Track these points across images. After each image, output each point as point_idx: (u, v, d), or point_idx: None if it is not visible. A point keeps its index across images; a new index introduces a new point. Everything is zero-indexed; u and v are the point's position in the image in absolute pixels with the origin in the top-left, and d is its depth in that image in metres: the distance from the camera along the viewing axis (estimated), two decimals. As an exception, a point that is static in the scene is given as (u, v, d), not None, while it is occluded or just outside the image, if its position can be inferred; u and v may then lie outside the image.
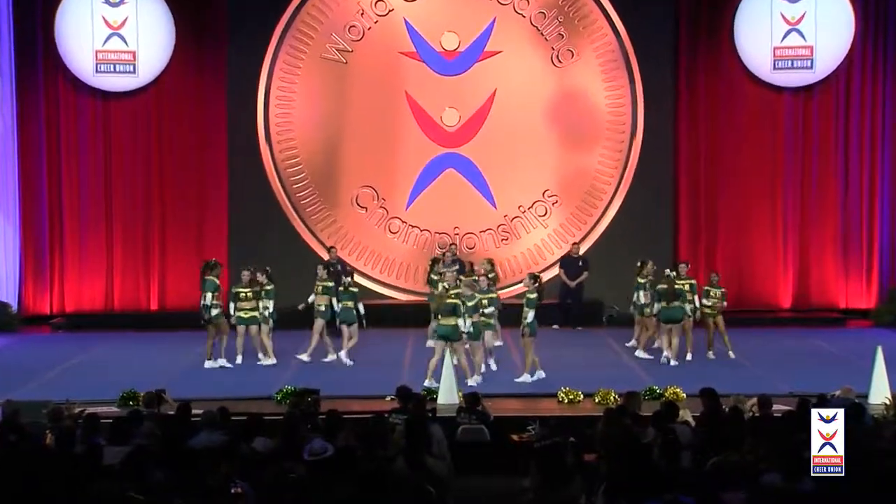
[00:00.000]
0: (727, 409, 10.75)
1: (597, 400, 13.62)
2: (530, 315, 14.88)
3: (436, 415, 11.97)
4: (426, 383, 14.23)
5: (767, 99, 21.26)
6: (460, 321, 14.66)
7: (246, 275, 16.53)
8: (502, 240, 21.29)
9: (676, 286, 16.48)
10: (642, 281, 17.01)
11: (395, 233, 21.29)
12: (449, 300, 14.85)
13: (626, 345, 17.81)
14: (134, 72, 20.76)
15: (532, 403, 14.03)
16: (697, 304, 16.64)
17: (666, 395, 13.61)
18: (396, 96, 21.13)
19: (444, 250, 19.76)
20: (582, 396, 13.84)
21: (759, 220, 21.34)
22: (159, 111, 21.12)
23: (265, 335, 16.42)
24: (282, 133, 21.05)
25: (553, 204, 21.31)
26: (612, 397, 13.49)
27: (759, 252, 21.34)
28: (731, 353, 16.61)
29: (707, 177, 21.40)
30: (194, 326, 17.33)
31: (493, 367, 15.76)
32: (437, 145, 21.18)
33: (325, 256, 18.94)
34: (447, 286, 15.34)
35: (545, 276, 20.72)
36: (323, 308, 16.55)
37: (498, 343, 16.87)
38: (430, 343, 16.14)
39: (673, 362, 16.21)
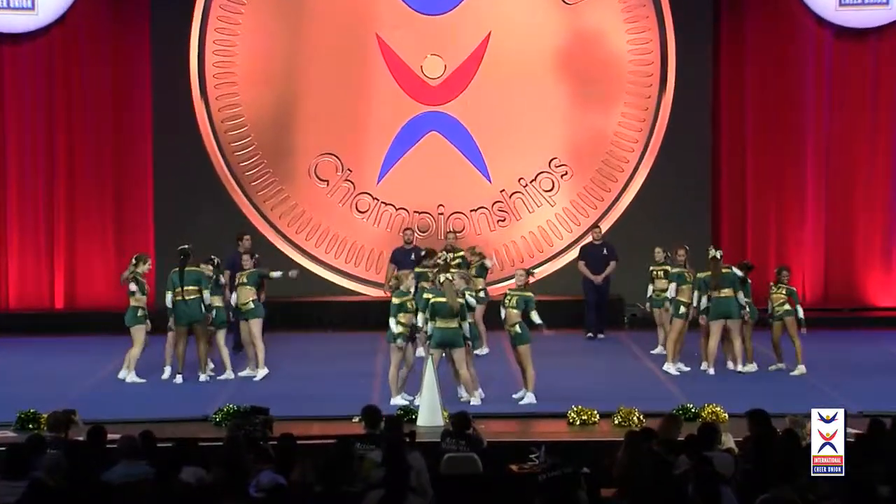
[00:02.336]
0: (780, 433, 10.79)
1: (616, 421, 13.65)
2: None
3: (415, 440, 11.97)
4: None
5: (831, 42, 21.30)
6: (464, 324, 14.75)
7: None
8: (498, 221, 21.30)
9: (725, 270, 16.48)
10: (675, 271, 17.00)
11: (363, 212, 21.29)
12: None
13: (652, 352, 17.87)
14: (32, 8, 20.68)
15: (535, 426, 14.07)
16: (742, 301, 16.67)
17: (704, 415, 13.64)
18: (366, 41, 21.10)
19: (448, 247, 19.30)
20: (598, 417, 13.87)
21: (821, 194, 21.33)
22: (66, 58, 21.05)
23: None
24: (221, 87, 21.01)
25: (562, 176, 21.33)
26: (635, 418, 13.52)
27: (819, 235, 21.35)
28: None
29: (754, 140, 21.42)
30: (111, 330, 17.25)
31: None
32: (417, 102, 21.18)
33: (276, 240, 18.84)
34: (451, 277, 15.38)
35: (551, 268, 20.85)
36: (252, 305, 16.51)
37: (484, 351, 17.18)
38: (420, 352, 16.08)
39: (740, 368, 16.41)
